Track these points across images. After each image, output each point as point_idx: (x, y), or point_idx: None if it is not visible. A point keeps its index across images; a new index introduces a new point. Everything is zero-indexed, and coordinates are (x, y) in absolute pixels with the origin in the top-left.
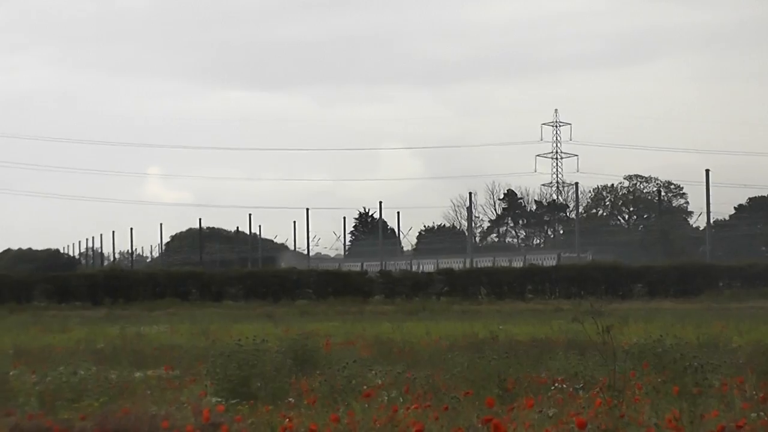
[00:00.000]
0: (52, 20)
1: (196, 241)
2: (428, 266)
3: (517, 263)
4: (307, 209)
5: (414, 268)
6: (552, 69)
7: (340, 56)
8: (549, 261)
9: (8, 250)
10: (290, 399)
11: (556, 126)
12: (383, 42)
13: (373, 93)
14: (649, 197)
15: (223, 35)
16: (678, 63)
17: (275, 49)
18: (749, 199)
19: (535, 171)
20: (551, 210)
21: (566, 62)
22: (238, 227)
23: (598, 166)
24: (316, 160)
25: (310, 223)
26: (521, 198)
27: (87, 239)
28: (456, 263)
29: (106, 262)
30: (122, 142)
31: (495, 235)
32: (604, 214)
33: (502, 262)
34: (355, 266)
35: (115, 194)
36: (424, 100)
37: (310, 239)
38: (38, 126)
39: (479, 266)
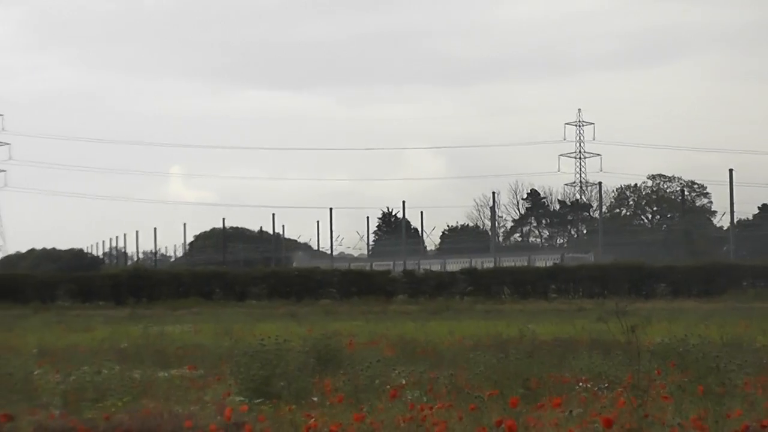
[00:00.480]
0: (73, 20)
1: (219, 241)
2: (452, 266)
3: (521, 263)
4: (331, 209)
5: (437, 268)
6: (575, 68)
7: (363, 56)
8: (552, 261)
9: (32, 250)
10: (313, 398)
11: (580, 125)
12: (406, 42)
13: (396, 93)
14: (673, 197)
15: (246, 34)
16: (701, 62)
17: (298, 49)
18: None
19: (559, 170)
20: (574, 210)
21: (589, 62)
22: (261, 227)
23: (622, 166)
24: (339, 160)
25: (333, 222)
26: (544, 198)
27: (111, 239)
28: (478, 263)
29: (129, 262)
30: (145, 142)
31: (518, 234)
32: (628, 213)
33: (506, 262)
34: (379, 266)
35: (139, 194)
36: (446, 100)
37: (334, 239)
38: (60, 126)
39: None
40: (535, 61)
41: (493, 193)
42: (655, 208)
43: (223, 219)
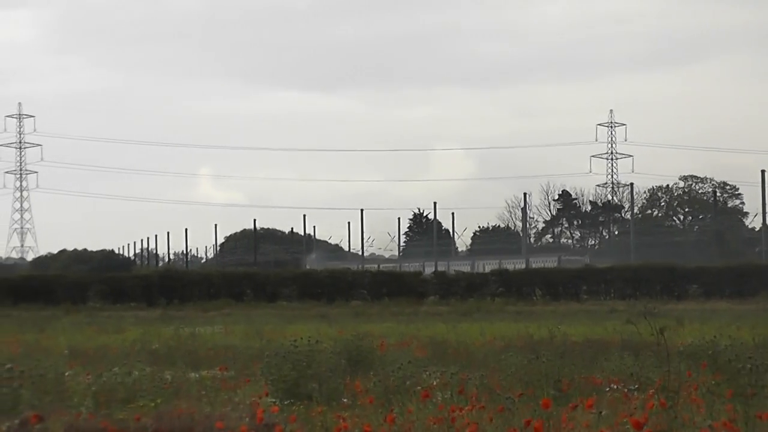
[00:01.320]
0: (102, 22)
1: (250, 242)
2: (481, 267)
3: (520, 265)
4: (362, 210)
5: (467, 269)
6: (606, 69)
7: (391, 57)
8: (550, 263)
9: (63, 251)
10: (344, 400)
11: (612, 126)
12: (434, 42)
13: (425, 93)
14: (705, 198)
15: (273, 36)
16: (733, 62)
17: (326, 50)
18: None
19: (590, 171)
20: (606, 211)
21: (620, 62)
22: (292, 228)
23: (653, 167)
24: (369, 161)
25: (363, 223)
26: (576, 199)
27: (142, 240)
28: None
29: (160, 263)
30: (174, 143)
31: (549, 235)
32: (659, 214)
33: (507, 264)
34: (410, 267)
35: (168, 195)
36: (476, 101)
37: (365, 240)
38: (89, 127)
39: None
40: (565, 62)
41: (525, 194)
42: (686, 209)
43: (254, 220)
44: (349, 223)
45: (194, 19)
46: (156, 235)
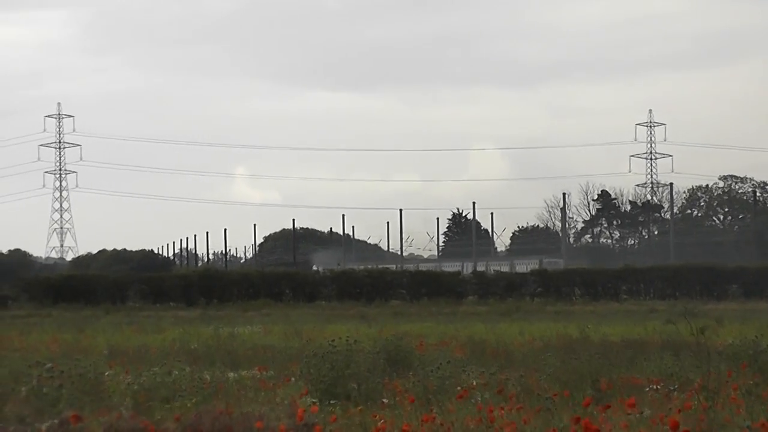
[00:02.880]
0: (139, 22)
1: (289, 242)
2: (523, 266)
3: (505, 268)
4: (401, 210)
5: (506, 269)
6: (645, 69)
7: (427, 57)
8: (532, 265)
9: (103, 251)
10: (384, 399)
11: (651, 126)
12: (470, 42)
13: (460, 93)
14: (745, 197)
15: (309, 36)
16: None
17: (361, 50)
18: None
19: (630, 171)
20: (646, 210)
21: (659, 62)
22: (331, 228)
23: (693, 167)
24: (405, 161)
25: (402, 223)
26: (615, 199)
27: (181, 240)
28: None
29: (200, 263)
30: (211, 143)
31: (589, 235)
32: (699, 214)
33: (503, 266)
34: (449, 267)
35: (207, 195)
36: (513, 101)
37: (404, 240)
38: (126, 127)
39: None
40: (602, 62)
41: (564, 194)
42: (726, 209)
43: (293, 220)
44: (388, 223)
45: (230, 20)
46: (195, 235)
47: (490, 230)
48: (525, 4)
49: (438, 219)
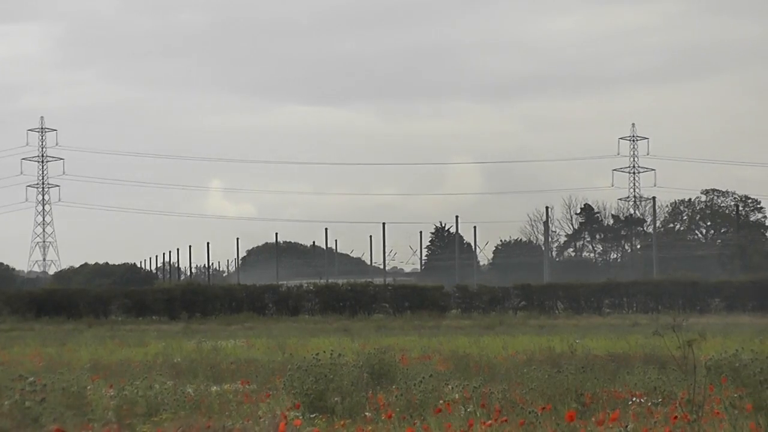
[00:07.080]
0: (112, 36)
1: (272, 256)
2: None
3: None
4: (383, 224)
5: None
6: (621, 84)
7: (403, 70)
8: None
9: (86, 265)
10: (367, 413)
11: (633, 140)
12: (446, 56)
13: (436, 107)
14: (727, 212)
15: (285, 49)
16: (755, 75)
17: (338, 63)
18: None
19: (612, 185)
20: (628, 224)
21: (639, 76)
22: (314, 242)
23: (675, 181)
24: (383, 175)
25: (385, 237)
26: (598, 212)
27: (164, 254)
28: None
29: (182, 277)
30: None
31: (572, 249)
32: (682, 228)
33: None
34: (432, 280)
35: (186, 208)
36: (490, 115)
37: (386, 253)
38: (101, 141)
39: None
40: (579, 76)
41: (547, 207)
42: (709, 223)
43: (276, 234)
44: (370, 236)
45: (204, 34)
46: (178, 249)
47: (473, 244)
48: (501, 18)
49: (421, 233)
